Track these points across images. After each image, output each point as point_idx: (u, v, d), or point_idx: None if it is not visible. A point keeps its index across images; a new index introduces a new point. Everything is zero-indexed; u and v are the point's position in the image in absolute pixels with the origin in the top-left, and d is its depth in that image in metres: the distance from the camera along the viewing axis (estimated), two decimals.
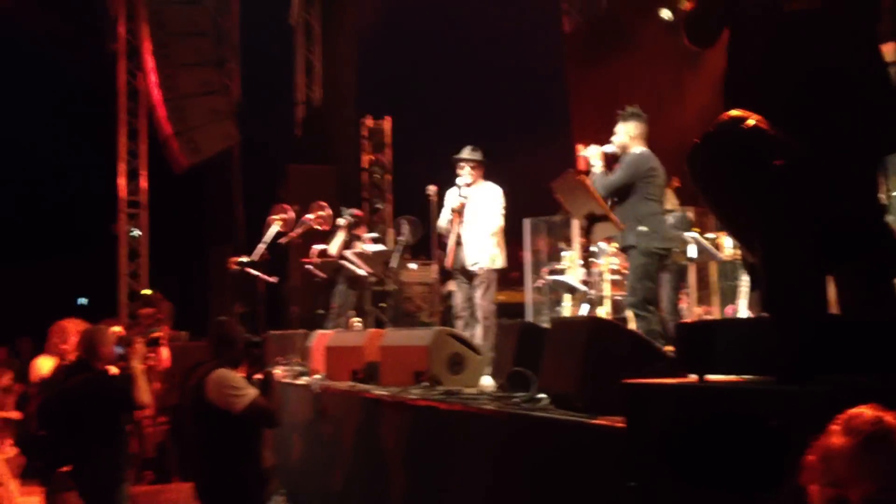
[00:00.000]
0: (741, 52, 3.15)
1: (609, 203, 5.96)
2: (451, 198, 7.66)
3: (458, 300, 7.62)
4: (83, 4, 14.16)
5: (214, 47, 13.55)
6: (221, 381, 4.86)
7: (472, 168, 7.60)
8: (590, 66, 13.07)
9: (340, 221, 9.43)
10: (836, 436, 1.78)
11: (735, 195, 2.97)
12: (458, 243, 7.49)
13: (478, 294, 7.45)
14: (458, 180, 7.60)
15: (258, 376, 5.13)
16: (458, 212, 7.50)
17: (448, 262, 7.54)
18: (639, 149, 6.30)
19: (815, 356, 2.43)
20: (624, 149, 6.33)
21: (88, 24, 14.15)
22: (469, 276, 7.51)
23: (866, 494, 1.70)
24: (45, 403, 5.74)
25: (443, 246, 7.81)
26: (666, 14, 10.57)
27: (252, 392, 4.89)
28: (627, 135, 6.32)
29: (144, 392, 5.66)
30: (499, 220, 7.57)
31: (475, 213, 7.55)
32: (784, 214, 2.80)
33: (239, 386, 4.88)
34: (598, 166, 6.19)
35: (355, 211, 9.60)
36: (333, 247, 9.44)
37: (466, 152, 7.65)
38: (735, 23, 3.16)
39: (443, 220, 7.64)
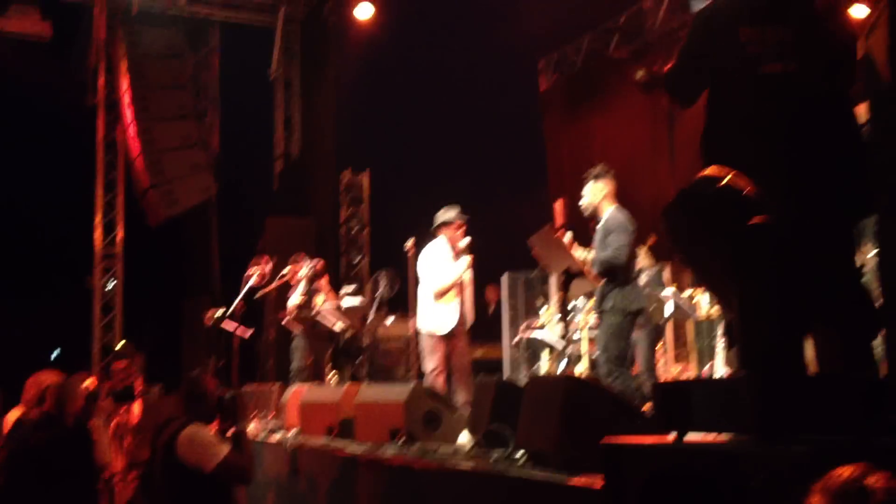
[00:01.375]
0: (720, 110, 3.20)
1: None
2: (449, 257, 7.63)
3: (442, 357, 7.56)
4: (63, 56, 14.21)
5: (194, 100, 13.62)
6: (192, 438, 4.78)
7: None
8: (566, 123, 13.24)
9: (301, 273, 9.38)
10: (814, 495, 1.77)
11: (711, 252, 2.99)
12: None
13: (465, 350, 7.56)
14: (460, 242, 7.59)
15: (230, 433, 5.05)
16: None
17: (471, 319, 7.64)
18: (610, 207, 6.35)
19: (793, 415, 2.43)
20: (595, 209, 6.38)
21: (68, 77, 14.18)
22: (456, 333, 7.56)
23: None
24: (9, 458, 5.60)
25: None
26: (641, 75, 10.74)
27: (224, 448, 4.81)
28: (600, 193, 6.38)
29: (104, 452, 5.50)
30: None
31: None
32: (760, 272, 2.82)
33: (211, 443, 4.79)
34: (581, 254, 6.26)
35: (316, 262, 9.55)
36: (293, 300, 9.38)
37: (459, 212, 7.70)
38: (715, 82, 3.21)
39: (452, 279, 7.57)
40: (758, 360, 2.76)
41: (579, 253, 6.22)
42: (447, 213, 7.66)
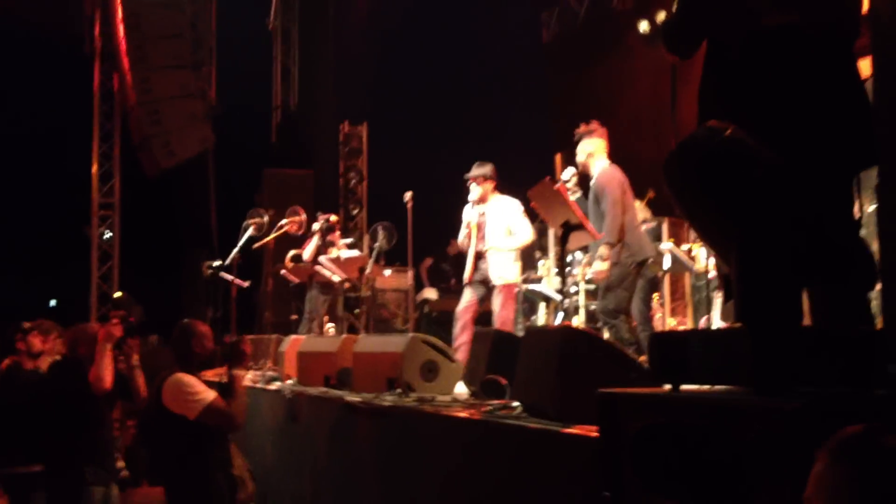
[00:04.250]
0: (719, 62, 3.15)
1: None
2: (467, 214, 7.66)
3: (463, 303, 7.59)
4: (59, 5, 14.03)
5: (191, 50, 13.47)
6: (177, 386, 4.80)
7: (479, 184, 7.54)
8: (569, 75, 13.16)
9: (315, 226, 9.39)
10: (821, 452, 1.74)
11: (710, 205, 2.98)
12: (478, 258, 7.53)
13: (499, 306, 7.52)
14: (469, 197, 7.58)
15: (224, 380, 5.05)
16: (477, 227, 7.52)
17: (467, 276, 7.56)
18: (601, 163, 6.35)
19: (789, 367, 2.43)
20: (584, 167, 6.42)
21: (64, 26, 14.02)
22: (489, 287, 7.51)
23: None
24: (14, 400, 5.62)
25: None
26: (644, 26, 10.65)
27: (209, 395, 4.80)
28: (585, 152, 6.42)
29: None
30: (524, 235, 7.56)
31: (493, 229, 7.53)
32: (759, 225, 2.80)
33: (194, 391, 4.79)
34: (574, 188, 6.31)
35: (330, 216, 9.57)
36: (307, 252, 9.41)
37: (473, 169, 7.61)
38: (713, 34, 3.17)
39: (460, 237, 7.66)
40: (755, 313, 2.75)
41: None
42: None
